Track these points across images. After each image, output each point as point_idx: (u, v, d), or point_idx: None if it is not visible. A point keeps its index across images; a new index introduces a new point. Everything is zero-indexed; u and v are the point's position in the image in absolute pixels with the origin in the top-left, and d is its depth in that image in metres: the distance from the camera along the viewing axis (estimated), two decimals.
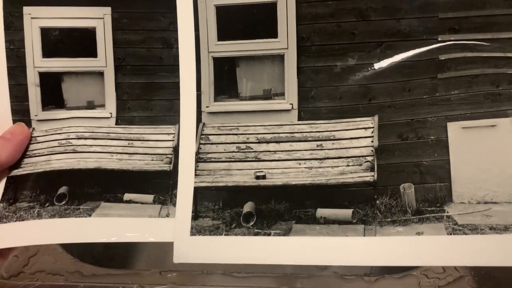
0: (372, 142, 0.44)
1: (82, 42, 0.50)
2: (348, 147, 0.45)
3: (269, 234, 0.44)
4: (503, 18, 0.43)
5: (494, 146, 0.41)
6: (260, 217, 0.45)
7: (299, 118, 0.47)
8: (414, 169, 0.43)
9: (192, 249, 0.45)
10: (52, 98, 0.51)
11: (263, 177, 0.47)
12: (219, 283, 0.60)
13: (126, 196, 0.48)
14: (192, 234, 0.45)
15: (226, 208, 0.46)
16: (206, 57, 0.49)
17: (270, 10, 0.48)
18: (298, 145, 0.47)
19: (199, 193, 0.47)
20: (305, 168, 0.46)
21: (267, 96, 0.49)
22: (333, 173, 0.45)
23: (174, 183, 0.47)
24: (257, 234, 0.44)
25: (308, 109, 0.47)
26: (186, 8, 0.49)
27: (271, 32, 0.48)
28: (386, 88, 0.45)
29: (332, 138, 0.46)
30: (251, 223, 0.45)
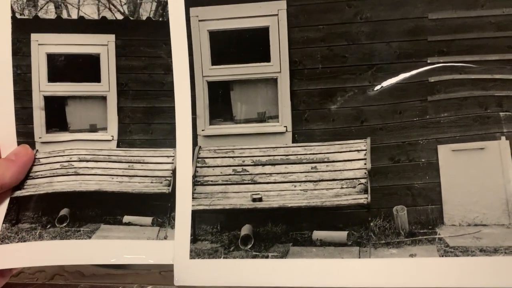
0: (365, 164, 0.45)
1: (86, 68, 0.52)
2: (342, 169, 0.46)
3: (267, 257, 0.45)
4: (490, 41, 0.44)
5: (483, 168, 0.42)
6: (257, 239, 0.46)
7: (294, 141, 0.48)
8: (406, 191, 0.44)
9: (192, 272, 0.46)
10: (56, 121, 0.53)
11: (260, 199, 0.47)
12: None
13: (126, 218, 0.49)
14: (191, 257, 0.46)
15: (224, 231, 0.47)
16: (201, 81, 0.50)
17: (262, 35, 0.49)
18: (293, 167, 0.48)
19: (197, 216, 0.48)
20: (300, 190, 0.47)
21: (262, 119, 0.50)
22: (328, 195, 0.46)
23: (172, 206, 0.48)
24: (255, 256, 0.45)
25: (302, 131, 0.48)
26: (180, 33, 0.49)
27: (264, 56, 0.49)
28: (378, 110, 0.46)
29: (326, 160, 0.47)
30: (249, 246, 0.46)
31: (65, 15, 0.52)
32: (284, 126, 0.49)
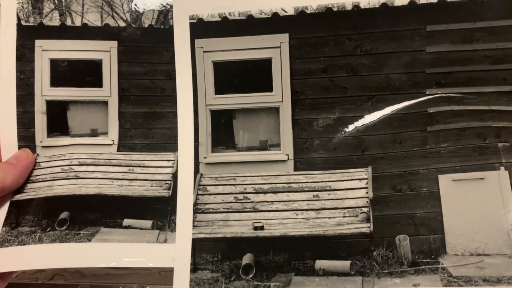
0: (367, 193, 0.46)
1: (88, 73, 0.53)
2: (344, 198, 0.46)
3: (269, 287, 0.44)
4: (486, 74, 0.46)
5: (484, 198, 0.43)
6: (259, 269, 0.45)
7: (295, 169, 0.49)
8: (408, 220, 0.44)
9: None
10: (57, 126, 0.53)
11: (261, 228, 0.47)
12: None
13: (126, 221, 0.49)
14: (191, 287, 0.46)
15: (225, 260, 0.47)
16: (204, 109, 0.51)
17: (265, 66, 0.50)
18: (295, 195, 0.48)
19: (198, 244, 0.47)
20: (302, 218, 0.47)
21: (264, 147, 0.50)
22: (330, 224, 0.46)
23: (172, 209, 0.48)
24: (257, 286, 0.44)
25: (303, 159, 0.49)
26: (185, 63, 0.51)
27: (267, 86, 0.50)
28: (378, 140, 0.47)
29: (328, 188, 0.47)
30: (251, 275, 0.45)
31: (69, 22, 0.53)
32: (286, 154, 0.49)
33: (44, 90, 0.52)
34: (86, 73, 0.52)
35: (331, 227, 0.45)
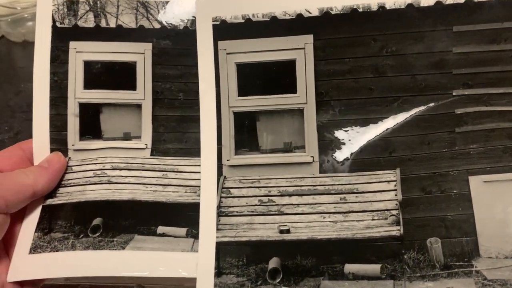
0: (396, 195, 0.45)
1: (122, 75, 0.52)
2: (372, 201, 0.46)
3: None
4: None
5: None
6: (286, 273, 0.45)
7: (321, 171, 0.48)
8: (439, 223, 0.44)
9: None
10: (90, 129, 0.52)
11: (287, 231, 0.47)
12: None
13: (160, 229, 0.48)
14: None
15: (251, 264, 0.46)
16: (227, 111, 0.50)
17: (289, 67, 0.50)
18: (321, 198, 0.47)
19: (222, 248, 0.47)
20: (329, 222, 0.46)
21: (288, 149, 0.50)
22: (358, 227, 0.45)
23: None
24: None
25: (328, 162, 0.48)
26: (208, 65, 0.50)
27: (291, 87, 0.50)
28: (406, 141, 0.47)
29: (355, 191, 0.46)
30: (278, 280, 0.44)
31: (103, 24, 0.52)
32: (310, 156, 0.49)
33: (77, 93, 0.52)
34: (119, 75, 0.52)
35: (360, 230, 0.45)
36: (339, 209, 0.46)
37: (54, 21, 0.52)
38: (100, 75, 0.52)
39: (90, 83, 0.52)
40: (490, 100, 0.46)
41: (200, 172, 0.49)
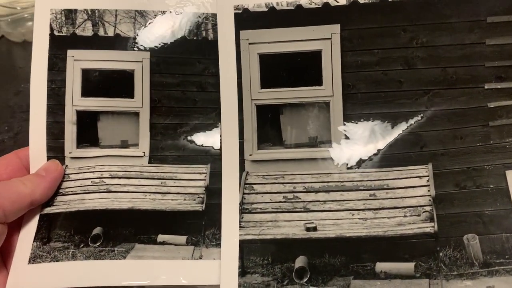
0: (428, 191, 0.43)
1: (120, 83, 0.51)
2: (403, 197, 0.44)
3: None
4: None
5: None
6: (314, 272, 0.43)
7: (348, 167, 0.46)
8: (476, 219, 0.42)
9: None
10: (87, 136, 0.51)
11: (314, 228, 0.45)
12: None
13: (160, 237, 0.47)
14: None
15: (276, 263, 0.44)
16: (249, 104, 0.48)
17: (314, 58, 0.48)
18: (349, 194, 0.45)
19: (245, 247, 0.44)
20: (359, 219, 0.44)
21: (313, 144, 0.48)
22: (390, 224, 0.43)
23: (206, 224, 0.46)
24: None
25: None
26: (229, 56, 0.48)
27: (316, 79, 0.48)
28: (437, 135, 0.45)
29: (385, 187, 0.45)
30: (305, 280, 0.42)
31: (101, 33, 0.51)
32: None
33: (75, 100, 0.51)
34: (117, 83, 0.51)
35: (391, 228, 0.43)
36: (369, 205, 0.44)
37: (52, 29, 0.51)
38: (98, 83, 0.51)
39: (87, 91, 0.51)
40: None
41: (199, 179, 0.48)
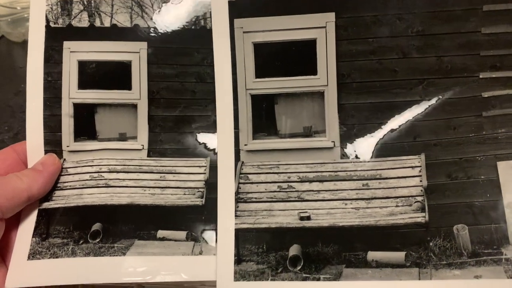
0: (420, 181, 0.44)
1: (117, 75, 0.50)
2: (395, 187, 0.44)
3: (318, 279, 0.43)
4: None
5: None
6: (307, 260, 0.44)
7: (342, 156, 0.47)
8: (466, 209, 0.43)
9: None
10: (84, 129, 0.51)
11: (308, 218, 0.45)
12: None
13: (160, 233, 0.47)
14: (236, 279, 0.44)
15: (271, 251, 0.45)
16: (244, 94, 0.48)
17: (309, 48, 0.47)
18: (342, 184, 0.46)
19: (241, 235, 0.45)
20: (352, 208, 0.45)
21: (308, 133, 0.48)
22: (382, 213, 0.44)
23: (206, 219, 0.46)
24: (305, 279, 0.43)
25: (350, 147, 0.47)
26: (223, 45, 0.48)
27: (311, 69, 0.48)
28: (430, 126, 0.45)
29: (378, 177, 0.45)
30: (299, 267, 0.44)
31: (98, 23, 0.50)
32: (331, 141, 0.47)
33: (71, 93, 0.50)
34: (114, 75, 0.50)
35: (383, 217, 0.43)
36: (362, 195, 0.45)
37: (47, 21, 0.50)
38: (94, 75, 0.50)
39: (84, 83, 0.50)
40: None
41: (198, 173, 0.48)
